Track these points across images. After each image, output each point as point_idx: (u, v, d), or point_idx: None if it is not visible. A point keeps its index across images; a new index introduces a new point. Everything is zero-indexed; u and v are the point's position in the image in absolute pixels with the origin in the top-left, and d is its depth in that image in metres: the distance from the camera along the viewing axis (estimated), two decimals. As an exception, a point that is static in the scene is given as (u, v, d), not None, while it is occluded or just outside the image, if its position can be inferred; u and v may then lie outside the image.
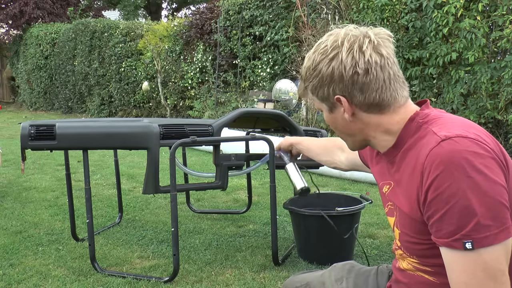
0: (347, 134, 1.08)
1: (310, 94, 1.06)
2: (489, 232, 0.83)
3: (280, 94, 7.22)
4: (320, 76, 1.01)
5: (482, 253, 0.83)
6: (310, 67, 1.02)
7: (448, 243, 0.86)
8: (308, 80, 1.04)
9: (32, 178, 4.71)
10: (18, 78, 15.51)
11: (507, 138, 4.76)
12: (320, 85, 1.02)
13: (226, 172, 2.47)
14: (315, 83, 1.03)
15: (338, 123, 1.07)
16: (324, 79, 1.01)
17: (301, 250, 2.60)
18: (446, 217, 0.86)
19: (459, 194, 0.84)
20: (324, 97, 1.03)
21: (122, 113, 11.15)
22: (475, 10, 4.69)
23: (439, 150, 0.88)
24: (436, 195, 0.87)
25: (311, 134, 2.79)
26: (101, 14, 17.58)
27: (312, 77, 1.02)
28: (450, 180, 0.85)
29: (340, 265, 1.27)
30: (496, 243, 0.83)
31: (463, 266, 0.85)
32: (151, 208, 3.65)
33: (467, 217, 0.83)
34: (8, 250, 2.73)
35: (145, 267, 2.49)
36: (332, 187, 4.24)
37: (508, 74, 4.41)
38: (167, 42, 9.89)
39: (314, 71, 1.02)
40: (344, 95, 1.00)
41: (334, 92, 1.01)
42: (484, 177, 0.84)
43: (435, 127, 0.95)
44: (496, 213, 0.84)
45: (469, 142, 0.87)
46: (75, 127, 2.35)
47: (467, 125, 0.94)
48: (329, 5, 6.66)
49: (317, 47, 1.02)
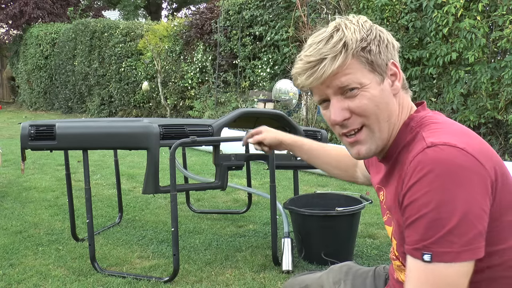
0: (389, 115, 0.96)
1: (360, 62, 0.92)
2: (451, 249, 0.79)
3: (280, 94, 7.22)
4: (382, 41, 0.94)
5: (441, 268, 0.80)
6: (367, 33, 0.93)
7: (410, 250, 0.84)
8: (364, 47, 0.92)
9: (32, 178, 4.71)
10: (18, 78, 15.51)
11: (507, 138, 4.76)
12: (380, 50, 0.93)
13: (226, 172, 2.47)
14: (374, 49, 0.93)
15: (384, 98, 0.94)
16: (384, 43, 0.94)
17: (301, 250, 2.60)
18: (414, 225, 0.83)
19: (431, 205, 0.81)
20: (379, 64, 0.93)
21: (122, 113, 11.15)
22: (475, 10, 4.69)
23: (422, 157, 0.84)
24: (410, 202, 0.84)
25: (311, 134, 2.78)
26: (101, 14, 17.58)
27: (370, 42, 0.92)
28: (426, 189, 0.82)
29: (338, 267, 1.27)
30: (456, 261, 0.80)
31: (419, 277, 0.82)
32: (151, 208, 3.65)
33: (433, 230, 0.80)
34: (8, 250, 2.73)
35: (145, 267, 2.49)
36: (332, 187, 4.24)
37: (508, 74, 4.41)
38: (167, 42, 9.89)
39: (374, 36, 0.93)
40: (395, 61, 0.97)
41: (390, 58, 0.95)
42: (462, 192, 0.80)
43: (426, 132, 0.91)
44: (464, 232, 0.79)
45: (456, 152, 0.83)
46: (75, 127, 2.35)
47: (460, 133, 0.90)
48: (329, 5, 6.66)
49: (350, 23, 0.94)
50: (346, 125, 0.96)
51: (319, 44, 0.93)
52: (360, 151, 0.98)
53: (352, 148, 0.99)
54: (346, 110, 0.94)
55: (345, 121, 0.95)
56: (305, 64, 0.93)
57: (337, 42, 0.92)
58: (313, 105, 6.55)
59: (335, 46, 0.91)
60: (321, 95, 0.97)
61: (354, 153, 0.99)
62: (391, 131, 0.97)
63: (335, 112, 0.95)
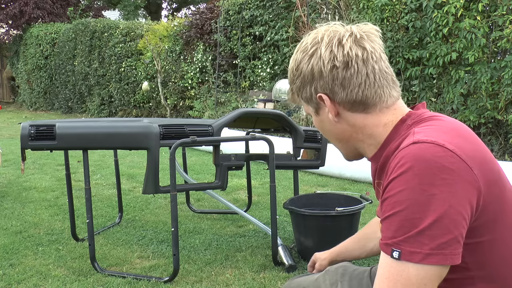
0: (337, 139, 1.02)
1: (297, 97, 1.01)
2: (421, 249, 0.78)
3: (280, 94, 7.22)
4: (302, 76, 0.96)
5: (409, 268, 0.79)
6: (293, 68, 0.98)
7: (382, 245, 0.83)
8: (293, 82, 1.00)
9: (32, 178, 4.71)
10: (18, 78, 15.51)
11: (507, 138, 4.76)
12: (303, 85, 0.97)
13: (226, 172, 2.47)
14: (298, 84, 0.98)
15: (325, 127, 1.01)
16: (305, 78, 0.96)
17: (301, 250, 2.60)
18: (388, 221, 0.82)
19: (406, 203, 0.79)
20: (308, 97, 0.98)
21: (122, 113, 11.15)
22: (475, 10, 4.69)
23: (406, 152, 0.82)
24: (387, 197, 0.83)
25: (311, 134, 2.78)
26: (101, 14, 17.57)
27: (295, 77, 0.98)
28: (404, 186, 0.80)
29: (334, 269, 1.27)
30: (424, 263, 0.78)
31: (387, 273, 0.81)
32: (151, 208, 3.65)
33: (405, 228, 0.79)
34: (8, 250, 2.73)
35: (145, 267, 2.49)
36: (332, 187, 4.24)
37: (508, 74, 4.41)
38: (167, 42, 9.89)
39: (296, 71, 0.97)
40: (325, 92, 0.95)
41: (316, 91, 0.96)
42: (440, 194, 0.77)
43: (418, 127, 0.89)
44: (437, 235, 0.77)
45: (441, 152, 0.80)
46: (75, 127, 2.35)
47: (455, 134, 0.86)
48: (329, 5, 6.66)
49: (299, 46, 0.98)
50: None
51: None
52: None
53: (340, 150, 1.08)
54: None
55: None
56: None
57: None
58: (313, 105, 6.55)
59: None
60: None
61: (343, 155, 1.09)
62: (360, 142, 1.00)
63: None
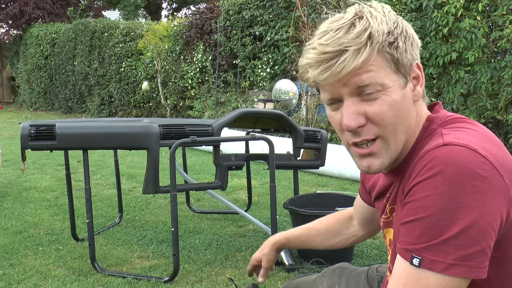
0: (405, 127, 0.83)
1: (382, 61, 0.78)
2: (444, 259, 0.71)
3: (280, 94, 7.22)
4: (407, 36, 0.80)
5: (429, 277, 0.72)
6: (390, 24, 0.78)
7: (400, 250, 0.77)
8: (388, 40, 0.78)
9: (32, 178, 4.71)
10: (18, 78, 15.51)
11: (507, 138, 4.76)
12: (406, 47, 0.80)
13: (226, 172, 2.47)
14: (401, 45, 0.79)
15: (404, 108, 0.81)
16: (409, 40, 0.80)
17: (301, 250, 2.60)
18: (410, 226, 0.75)
19: (432, 209, 0.72)
20: (406, 64, 0.80)
21: (122, 113, 11.15)
22: (475, 10, 4.69)
23: (435, 154, 0.74)
24: (411, 200, 0.76)
25: (311, 134, 2.78)
26: (101, 14, 17.57)
27: (397, 34, 0.79)
28: (431, 191, 0.73)
29: (331, 270, 1.26)
30: (446, 274, 0.71)
31: (404, 279, 0.75)
32: (151, 208, 3.65)
33: (429, 235, 0.72)
34: (8, 250, 2.73)
35: (145, 267, 2.49)
36: (332, 187, 4.24)
37: (508, 74, 4.41)
38: (167, 42, 9.89)
39: (397, 27, 0.79)
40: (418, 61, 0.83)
41: (413, 57, 0.82)
42: (470, 202, 0.70)
43: (447, 129, 0.81)
44: (463, 245, 0.71)
45: (474, 157, 0.72)
46: (75, 127, 2.35)
47: (486, 139, 0.78)
48: (329, 5, 6.66)
49: (373, 10, 0.80)
50: (359, 133, 0.82)
51: (338, 32, 0.78)
52: (372, 165, 0.85)
53: (361, 160, 0.86)
54: (362, 115, 0.81)
55: (359, 128, 0.81)
56: (319, 55, 0.78)
57: (361, 32, 0.77)
58: (313, 105, 6.56)
59: (359, 37, 0.76)
60: (333, 93, 0.82)
61: (364, 166, 0.86)
62: (406, 143, 0.85)
63: (348, 116, 0.81)
